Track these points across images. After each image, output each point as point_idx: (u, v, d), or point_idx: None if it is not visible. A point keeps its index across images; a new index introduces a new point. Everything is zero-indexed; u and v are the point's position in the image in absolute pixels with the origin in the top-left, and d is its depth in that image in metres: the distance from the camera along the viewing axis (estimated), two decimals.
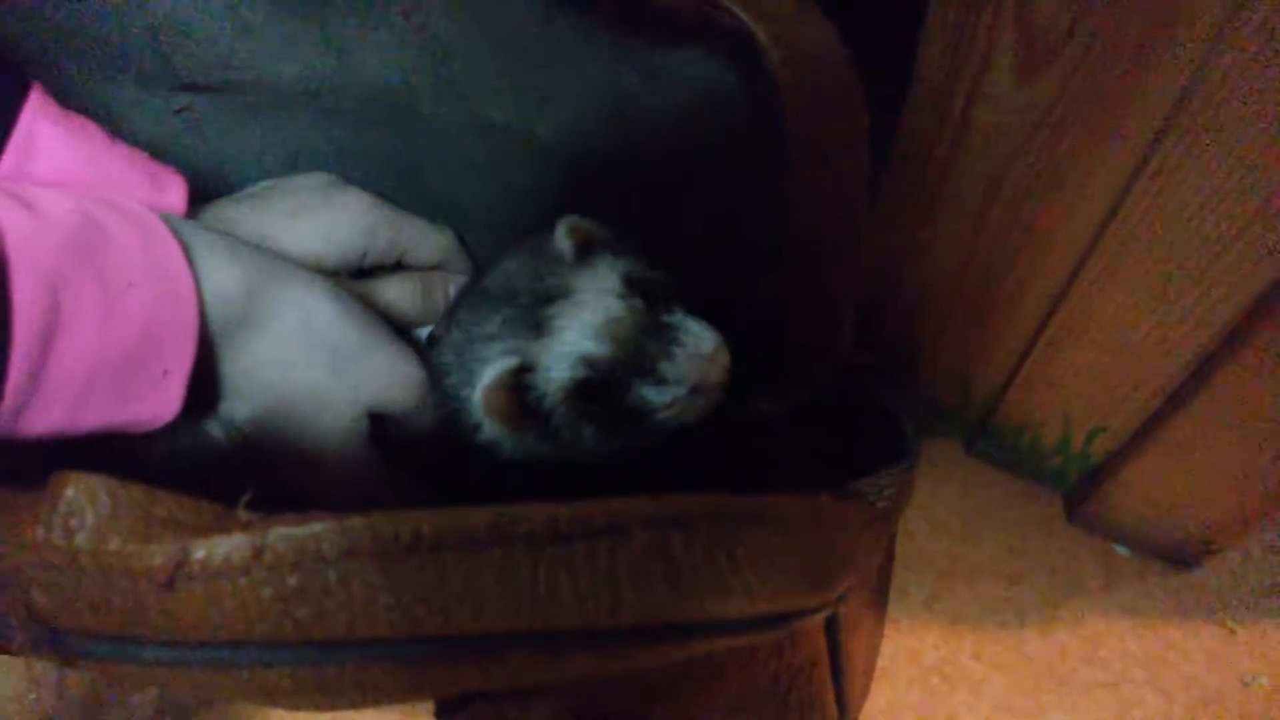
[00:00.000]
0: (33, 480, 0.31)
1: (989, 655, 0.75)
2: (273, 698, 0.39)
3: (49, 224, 0.39)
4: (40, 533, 0.29)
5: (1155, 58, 0.50)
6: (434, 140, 0.61)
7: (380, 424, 0.53)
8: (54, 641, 0.31)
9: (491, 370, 0.49)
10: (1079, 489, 0.81)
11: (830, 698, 0.55)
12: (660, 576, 0.30)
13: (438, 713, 0.37)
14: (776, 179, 0.46)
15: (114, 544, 0.29)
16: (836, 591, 0.37)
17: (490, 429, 0.52)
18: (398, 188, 0.64)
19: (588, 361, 0.48)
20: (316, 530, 0.28)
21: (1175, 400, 0.66)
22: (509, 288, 0.53)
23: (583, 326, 0.49)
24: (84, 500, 0.30)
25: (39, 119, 0.49)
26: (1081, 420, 0.75)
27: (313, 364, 0.49)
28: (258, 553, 0.28)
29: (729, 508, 0.32)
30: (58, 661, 0.31)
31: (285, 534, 0.28)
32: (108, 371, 0.40)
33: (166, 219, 0.45)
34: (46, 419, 0.38)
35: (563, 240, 0.53)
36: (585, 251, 0.53)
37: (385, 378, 0.52)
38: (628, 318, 0.49)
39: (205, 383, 0.47)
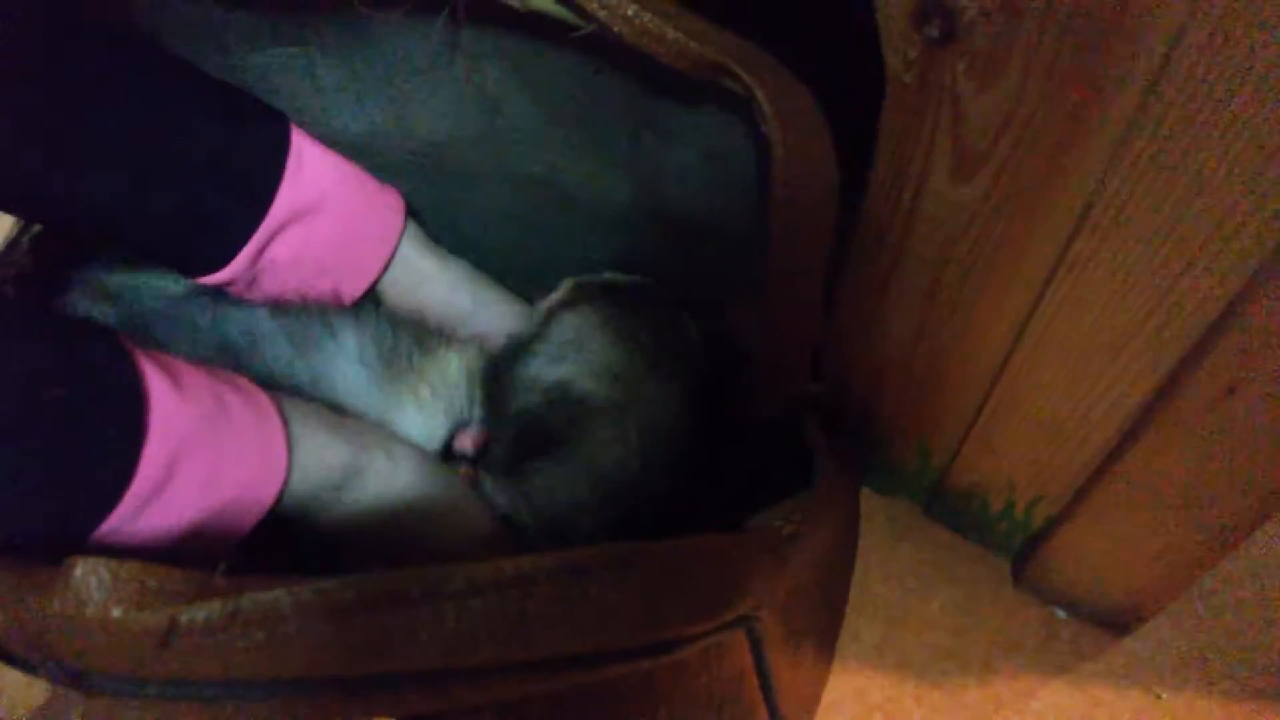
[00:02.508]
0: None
1: (929, 700, 0.81)
2: None
3: (189, 402, 0.46)
4: (57, 605, 0.36)
5: (1065, 169, 0.56)
6: (472, 190, 0.68)
7: None
8: (75, 678, 0.37)
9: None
10: (1022, 553, 0.86)
11: (764, 715, 0.60)
12: (563, 617, 0.37)
13: None
14: (761, 218, 0.53)
15: (117, 613, 0.35)
16: (727, 617, 0.43)
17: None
18: (439, 233, 0.72)
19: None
20: (277, 595, 0.35)
21: (1096, 474, 0.72)
22: None
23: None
24: (90, 578, 0.36)
25: (301, 139, 0.60)
26: (1023, 489, 0.81)
27: (412, 513, 0.58)
28: (232, 615, 0.35)
29: (619, 558, 0.39)
30: (80, 692, 0.38)
31: (253, 599, 0.35)
32: (190, 525, 0.47)
33: (274, 399, 0.53)
34: (125, 541, 0.45)
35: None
36: None
37: (478, 517, 0.63)
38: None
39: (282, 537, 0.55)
